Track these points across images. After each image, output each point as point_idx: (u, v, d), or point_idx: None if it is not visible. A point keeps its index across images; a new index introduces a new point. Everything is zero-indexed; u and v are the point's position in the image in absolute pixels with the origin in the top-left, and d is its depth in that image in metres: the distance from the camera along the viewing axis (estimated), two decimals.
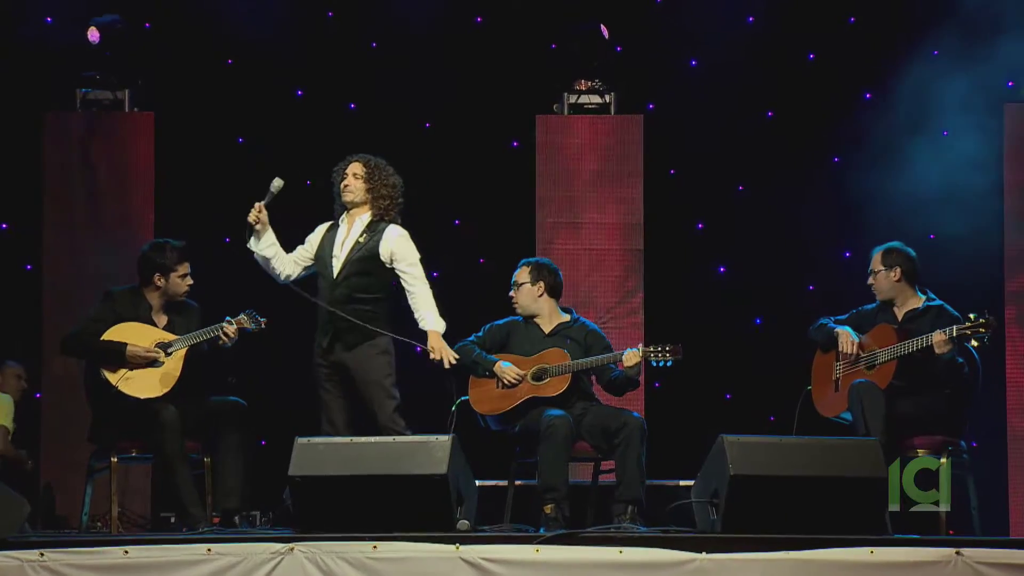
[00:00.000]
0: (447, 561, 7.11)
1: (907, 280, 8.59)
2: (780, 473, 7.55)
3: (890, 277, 8.60)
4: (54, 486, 10.18)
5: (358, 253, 8.40)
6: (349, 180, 8.49)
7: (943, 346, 8.20)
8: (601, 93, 10.82)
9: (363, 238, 8.43)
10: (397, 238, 8.42)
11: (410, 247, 8.45)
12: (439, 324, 8.44)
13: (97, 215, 10.58)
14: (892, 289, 8.61)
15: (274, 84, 11.10)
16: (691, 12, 10.99)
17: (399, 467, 7.59)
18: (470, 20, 11.24)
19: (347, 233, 8.48)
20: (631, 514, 8.09)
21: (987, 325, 8.16)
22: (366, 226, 8.46)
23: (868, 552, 7.10)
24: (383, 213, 8.48)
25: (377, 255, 8.39)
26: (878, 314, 8.65)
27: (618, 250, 10.67)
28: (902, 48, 10.55)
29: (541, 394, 8.51)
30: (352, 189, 8.47)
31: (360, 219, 8.48)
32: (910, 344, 8.32)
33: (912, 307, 8.58)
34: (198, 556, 7.20)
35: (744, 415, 10.54)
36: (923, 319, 8.48)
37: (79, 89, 10.74)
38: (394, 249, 8.40)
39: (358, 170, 8.50)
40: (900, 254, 8.60)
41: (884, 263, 8.61)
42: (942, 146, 10.39)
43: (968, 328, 8.19)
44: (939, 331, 8.22)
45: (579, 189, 10.71)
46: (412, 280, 8.44)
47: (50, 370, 10.38)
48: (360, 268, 8.39)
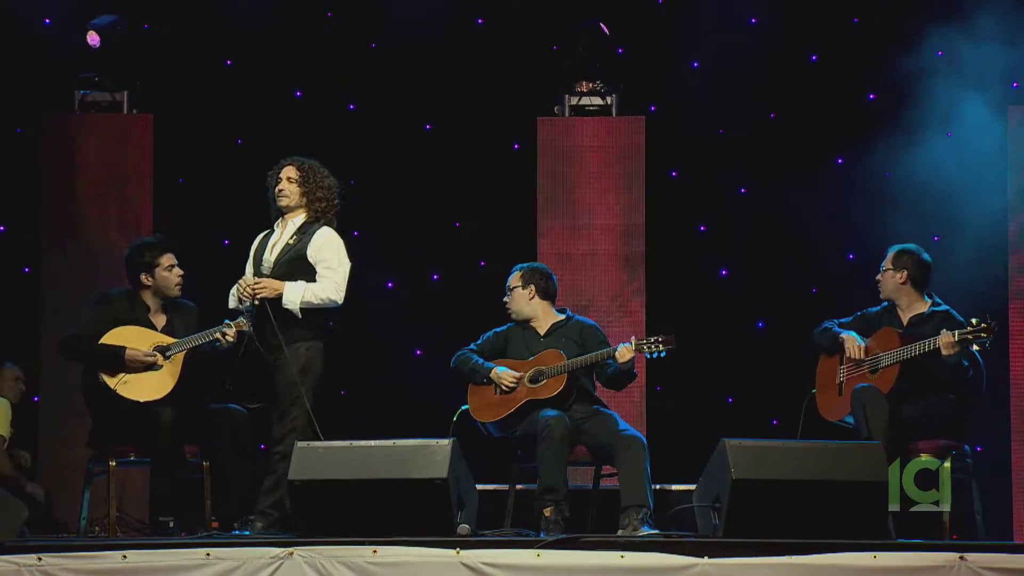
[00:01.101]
0: (447, 565, 7.11)
1: (913, 284, 8.56)
2: (782, 477, 7.53)
3: (896, 279, 8.57)
4: (52, 490, 10.14)
5: (287, 255, 8.23)
6: (283, 184, 8.30)
7: (949, 348, 8.16)
8: (603, 95, 10.78)
9: (293, 239, 8.26)
10: (325, 239, 8.24)
11: (337, 251, 8.25)
12: (293, 291, 8.12)
13: (95, 217, 10.54)
14: (897, 291, 8.58)
15: (273, 85, 11.07)
16: (693, 13, 10.97)
17: (399, 471, 7.57)
18: (471, 21, 11.20)
19: (280, 236, 8.32)
20: (643, 517, 8.01)
21: (989, 330, 8.12)
22: (298, 228, 8.29)
23: (871, 557, 7.09)
24: (319, 215, 8.31)
25: (305, 256, 8.20)
26: (882, 317, 8.62)
27: (619, 253, 10.63)
28: (905, 49, 10.51)
29: (538, 396, 8.47)
30: (287, 193, 8.29)
31: (293, 221, 8.32)
32: (914, 348, 8.29)
33: (918, 312, 8.55)
34: (197, 560, 7.20)
35: (746, 419, 10.52)
36: (928, 324, 8.44)
37: (78, 91, 10.71)
38: (318, 249, 8.21)
39: (292, 174, 8.32)
40: (912, 258, 8.56)
41: (894, 263, 8.58)
42: (946, 148, 10.35)
43: (970, 333, 8.16)
44: (945, 333, 8.18)
45: (580, 191, 10.67)
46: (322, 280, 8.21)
47: (48, 373, 10.34)
48: (288, 270, 8.20)
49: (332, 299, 8.21)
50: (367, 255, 10.94)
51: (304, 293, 8.14)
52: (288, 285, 8.13)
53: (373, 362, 10.89)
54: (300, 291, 8.14)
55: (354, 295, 10.82)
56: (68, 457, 9.80)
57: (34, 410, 10.45)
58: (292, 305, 8.12)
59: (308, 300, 8.15)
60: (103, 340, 8.37)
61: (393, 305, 11.02)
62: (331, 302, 8.21)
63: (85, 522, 8.62)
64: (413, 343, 11.09)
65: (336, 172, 11.01)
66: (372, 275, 11.01)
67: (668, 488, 9.32)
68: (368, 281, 10.94)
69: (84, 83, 10.70)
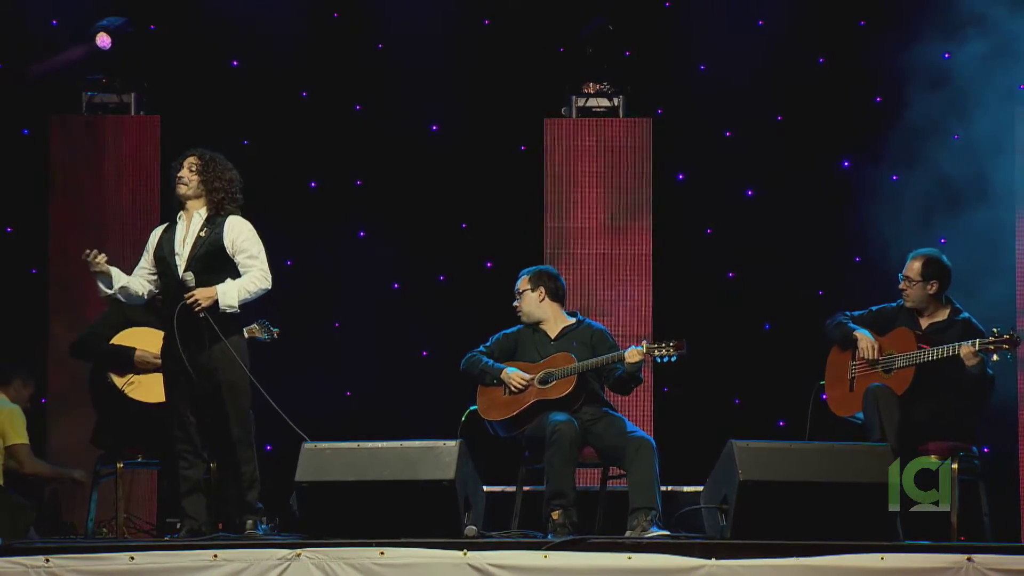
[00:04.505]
0: (454, 567, 7.11)
1: (940, 293, 8.53)
2: (790, 479, 7.53)
3: (927, 290, 8.50)
4: (60, 492, 10.14)
5: (202, 248, 8.08)
6: (183, 172, 8.18)
7: (972, 359, 8.14)
8: (610, 96, 10.78)
9: (204, 232, 8.11)
10: (239, 228, 8.11)
11: (252, 237, 8.12)
12: (228, 294, 7.99)
13: (103, 218, 10.54)
14: (925, 300, 8.53)
15: (279, 86, 11.07)
16: (700, 16, 10.95)
17: (406, 472, 7.57)
18: (478, 22, 11.20)
19: (186, 230, 8.16)
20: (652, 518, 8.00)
21: (1012, 341, 8.10)
22: (205, 220, 8.15)
23: (879, 558, 7.10)
24: (218, 207, 8.15)
25: (222, 247, 8.07)
26: (898, 316, 8.58)
27: (626, 255, 10.62)
28: (912, 52, 10.49)
29: (547, 396, 8.47)
30: (186, 181, 8.15)
31: (198, 213, 8.17)
32: (933, 352, 8.25)
33: (938, 319, 8.52)
34: (204, 562, 7.20)
35: (753, 420, 10.50)
36: (949, 332, 8.41)
37: (85, 92, 10.71)
38: (235, 239, 8.09)
39: (193, 162, 8.20)
40: (940, 268, 8.51)
41: (924, 274, 8.50)
42: (953, 150, 10.34)
43: (992, 343, 8.14)
44: (967, 344, 8.15)
45: (587, 193, 10.66)
46: (247, 272, 8.09)
47: (56, 374, 10.33)
48: (207, 264, 8.06)
49: (263, 287, 8.09)
50: (373, 256, 10.99)
51: (239, 292, 8.02)
52: (220, 289, 7.99)
53: (380, 363, 10.88)
54: (235, 291, 8.01)
55: (360, 296, 10.88)
56: (76, 459, 9.78)
57: (42, 412, 10.45)
58: (232, 308, 8.01)
59: (244, 297, 8.04)
60: (114, 341, 8.37)
61: (399, 306, 11.02)
62: (263, 290, 8.10)
63: (93, 524, 8.63)
64: (420, 344, 11.08)
65: (342, 173, 11.10)
66: (378, 276, 11.02)
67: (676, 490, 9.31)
68: (374, 282, 10.99)
69: (91, 85, 10.70)
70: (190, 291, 7.97)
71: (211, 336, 7.94)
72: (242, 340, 8.14)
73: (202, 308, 7.94)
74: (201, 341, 7.98)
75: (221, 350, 7.97)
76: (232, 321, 8.05)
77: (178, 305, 7.96)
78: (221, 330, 7.95)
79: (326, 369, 10.74)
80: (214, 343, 7.96)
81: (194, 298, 7.95)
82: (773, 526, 7.37)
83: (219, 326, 7.95)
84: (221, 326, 7.96)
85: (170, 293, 8.12)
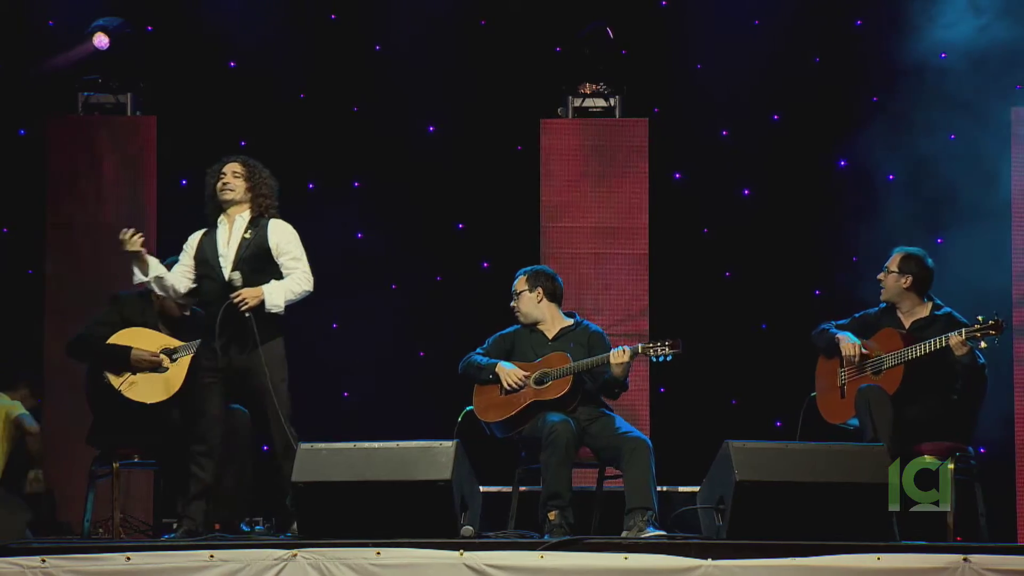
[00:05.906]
0: (451, 567, 7.10)
1: (915, 290, 8.57)
2: (786, 479, 7.54)
3: (900, 283, 8.58)
4: (56, 492, 10.14)
5: (248, 250, 8.16)
6: (228, 179, 8.25)
7: (961, 348, 8.17)
8: (606, 96, 10.78)
9: (249, 234, 8.20)
10: (283, 231, 8.22)
11: (295, 240, 8.22)
12: (274, 295, 8.08)
13: (99, 219, 10.54)
14: (899, 294, 8.59)
15: (277, 87, 11.07)
16: (696, 15, 10.96)
17: (403, 473, 7.57)
18: (474, 23, 11.20)
19: (229, 232, 8.24)
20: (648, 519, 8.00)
21: (996, 327, 8.14)
22: (248, 222, 8.24)
23: (875, 558, 7.09)
24: (263, 211, 8.25)
25: (267, 248, 8.16)
26: (881, 318, 8.63)
27: (623, 255, 10.63)
28: (909, 51, 10.50)
29: (543, 397, 8.47)
30: (232, 187, 8.23)
31: (240, 217, 8.25)
32: (919, 348, 8.29)
33: (920, 316, 8.56)
34: (201, 562, 7.20)
35: (750, 421, 10.51)
36: (933, 327, 8.45)
37: (81, 93, 10.71)
38: (279, 241, 8.18)
39: (237, 169, 8.28)
40: (918, 263, 8.58)
41: (900, 267, 8.58)
42: (949, 150, 10.36)
43: (977, 330, 8.18)
44: (954, 334, 8.19)
45: (583, 193, 10.67)
46: (290, 274, 8.18)
47: (52, 374, 10.33)
48: (253, 265, 8.13)
49: (307, 289, 8.20)
50: (370, 257, 11.00)
51: (285, 293, 8.12)
52: (266, 289, 8.08)
53: (376, 363, 10.89)
54: (281, 292, 8.11)
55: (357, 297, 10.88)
56: (72, 459, 9.79)
57: (38, 412, 10.45)
58: (278, 308, 8.10)
59: (289, 298, 8.14)
60: (111, 340, 8.38)
61: (397, 306, 11.02)
62: (307, 292, 8.21)
63: (89, 524, 8.63)
64: (416, 344, 11.09)
65: (339, 174, 11.10)
66: (376, 277, 11.02)
67: (672, 490, 9.31)
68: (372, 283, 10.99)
69: (88, 85, 10.71)
70: (237, 291, 8.02)
71: (255, 337, 8.00)
72: (283, 343, 8.19)
73: (249, 307, 8.00)
74: (244, 342, 8.05)
75: (265, 352, 8.04)
76: (275, 323, 8.11)
77: (223, 305, 8.03)
78: (265, 331, 8.03)
79: (324, 370, 10.74)
80: (258, 345, 8.02)
81: (241, 297, 8.02)
82: (769, 526, 7.37)
83: (262, 327, 8.02)
84: (265, 327, 8.04)
85: (212, 295, 8.17)
